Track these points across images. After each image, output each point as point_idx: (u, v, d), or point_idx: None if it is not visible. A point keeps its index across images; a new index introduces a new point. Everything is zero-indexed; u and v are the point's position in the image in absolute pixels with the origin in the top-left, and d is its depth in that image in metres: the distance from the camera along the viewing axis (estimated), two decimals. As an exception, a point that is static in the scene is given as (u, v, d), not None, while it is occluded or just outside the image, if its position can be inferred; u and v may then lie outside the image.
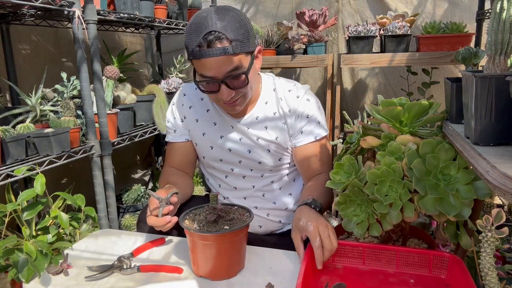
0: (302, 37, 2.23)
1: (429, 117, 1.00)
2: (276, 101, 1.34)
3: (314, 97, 1.37)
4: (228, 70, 1.13)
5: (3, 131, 1.33)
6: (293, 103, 1.32)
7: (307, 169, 1.34)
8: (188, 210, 1.10)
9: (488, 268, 0.77)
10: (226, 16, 1.11)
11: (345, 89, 2.75)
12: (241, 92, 1.20)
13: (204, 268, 1.02)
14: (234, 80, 1.16)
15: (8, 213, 1.12)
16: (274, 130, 1.33)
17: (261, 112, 1.34)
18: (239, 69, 1.15)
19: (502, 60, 0.75)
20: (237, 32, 1.11)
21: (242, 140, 1.34)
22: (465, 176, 0.87)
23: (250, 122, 1.33)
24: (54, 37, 2.19)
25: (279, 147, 1.34)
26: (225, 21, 1.10)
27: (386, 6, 2.54)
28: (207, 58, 1.11)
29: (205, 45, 1.10)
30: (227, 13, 1.13)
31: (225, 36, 1.09)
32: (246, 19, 1.17)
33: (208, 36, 1.09)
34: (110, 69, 1.77)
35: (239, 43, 1.12)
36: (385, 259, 1.01)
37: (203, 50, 1.10)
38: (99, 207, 1.67)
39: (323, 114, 1.37)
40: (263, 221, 1.40)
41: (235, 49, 1.11)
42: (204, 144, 1.39)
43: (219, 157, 1.39)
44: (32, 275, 1.00)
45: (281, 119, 1.33)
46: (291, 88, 1.35)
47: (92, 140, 1.61)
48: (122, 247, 1.21)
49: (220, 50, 1.10)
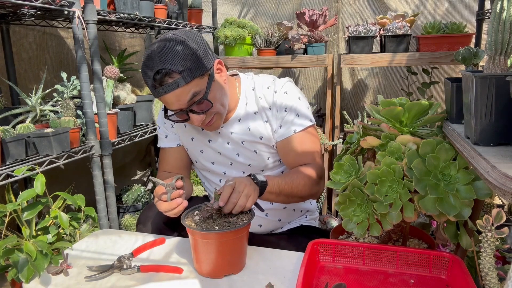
0: (302, 37, 2.23)
1: (429, 117, 1.00)
2: (256, 100, 1.33)
3: (293, 89, 1.34)
4: (187, 99, 1.14)
5: (3, 131, 1.33)
6: (271, 98, 1.31)
7: (291, 163, 1.32)
8: (189, 209, 1.10)
9: (488, 268, 0.77)
10: (169, 49, 1.11)
11: (345, 89, 2.75)
12: (212, 112, 1.21)
13: (206, 266, 1.03)
14: (198, 105, 1.17)
15: (8, 213, 1.12)
16: (257, 130, 1.32)
17: (243, 114, 1.33)
18: (199, 95, 1.15)
19: (502, 60, 0.75)
20: (184, 61, 1.11)
21: (230, 144, 1.34)
22: (465, 176, 0.87)
23: (233, 125, 1.33)
24: (54, 37, 2.19)
25: (265, 147, 1.34)
26: (169, 54, 1.10)
27: (386, 6, 2.54)
28: (164, 96, 1.14)
29: (158, 84, 1.12)
30: (169, 45, 1.12)
31: (172, 70, 1.10)
32: (193, 42, 1.15)
33: (156, 75, 1.11)
34: (110, 69, 1.77)
35: (189, 71, 1.11)
36: (385, 259, 1.01)
37: (158, 90, 1.13)
38: (99, 207, 1.67)
39: (303, 104, 1.33)
40: (262, 220, 1.40)
41: (186, 79, 1.11)
42: (194, 149, 1.40)
43: (210, 160, 1.39)
44: (32, 275, 1.00)
45: (262, 118, 1.32)
46: (269, 84, 1.34)
47: (92, 140, 1.61)
48: (122, 247, 1.22)
49: (172, 85, 1.11)
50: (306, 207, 1.50)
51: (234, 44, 2.40)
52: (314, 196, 1.33)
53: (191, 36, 1.16)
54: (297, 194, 1.24)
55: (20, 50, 2.00)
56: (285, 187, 1.19)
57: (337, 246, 1.05)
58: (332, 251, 1.04)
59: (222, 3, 2.85)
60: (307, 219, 1.50)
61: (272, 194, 1.16)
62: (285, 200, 1.25)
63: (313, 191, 1.28)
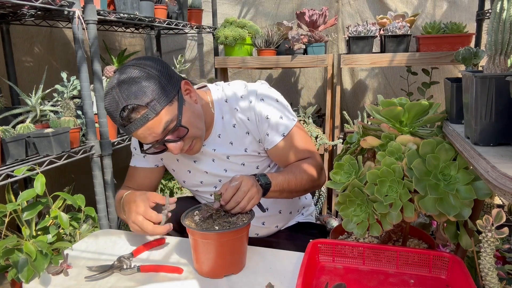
0: (302, 37, 2.23)
1: (429, 117, 0.99)
2: (231, 112, 1.27)
3: (268, 92, 1.28)
4: (161, 130, 1.08)
5: (3, 131, 1.33)
6: (248, 110, 1.25)
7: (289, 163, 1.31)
8: (189, 209, 1.10)
9: (488, 268, 0.77)
10: (129, 83, 1.05)
11: (345, 89, 2.76)
12: (189, 137, 1.15)
13: (206, 266, 1.03)
14: (173, 133, 1.11)
15: (8, 213, 1.12)
16: (239, 143, 1.28)
17: (221, 129, 1.28)
18: (171, 122, 1.09)
19: (502, 60, 0.75)
20: (148, 92, 1.05)
21: (215, 161, 1.31)
22: (465, 176, 0.87)
23: (214, 142, 1.29)
24: (54, 37, 2.19)
25: (252, 157, 1.31)
26: (131, 89, 1.04)
27: (386, 6, 2.54)
28: (136, 131, 1.08)
29: (126, 121, 1.06)
30: (128, 78, 1.06)
31: (138, 104, 1.04)
32: (152, 69, 1.08)
33: (123, 113, 1.05)
34: (110, 69, 1.77)
35: (156, 101, 1.05)
36: (385, 259, 1.01)
37: (128, 127, 1.07)
38: (99, 207, 1.67)
39: (283, 104, 1.29)
40: (259, 229, 1.40)
41: (155, 110, 1.05)
42: (181, 169, 1.37)
43: (199, 180, 1.36)
44: (32, 275, 1.00)
45: (242, 130, 1.27)
46: (242, 93, 1.28)
47: (92, 140, 1.61)
48: (122, 247, 1.21)
49: (142, 120, 1.05)
50: (302, 204, 1.50)
51: (234, 44, 2.40)
52: (318, 187, 1.32)
53: (150, 64, 1.10)
54: (301, 188, 1.23)
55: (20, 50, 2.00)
56: (289, 184, 1.19)
57: (337, 246, 1.05)
58: (332, 251, 1.04)
59: (222, 3, 2.85)
60: (304, 216, 1.50)
61: (275, 192, 1.16)
62: (289, 196, 1.24)
63: (316, 183, 1.27)
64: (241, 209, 1.05)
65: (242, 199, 1.04)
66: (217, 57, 2.49)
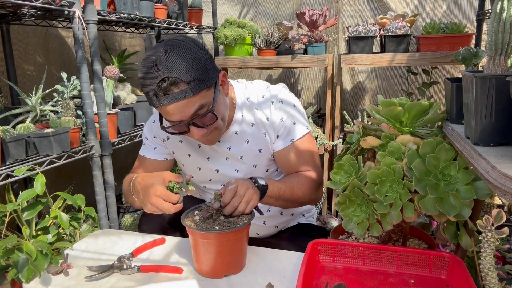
0: (302, 37, 2.23)
1: (429, 117, 0.99)
2: (252, 111, 1.28)
3: (288, 96, 1.29)
4: (192, 112, 1.06)
5: (3, 131, 1.33)
6: (268, 109, 1.26)
7: (291, 172, 1.31)
8: (189, 209, 1.10)
9: (488, 268, 0.77)
10: (177, 56, 1.02)
11: (345, 89, 2.76)
12: (213, 127, 1.14)
13: (206, 266, 1.03)
14: (201, 119, 1.09)
15: (8, 213, 1.12)
16: (255, 143, 1.28)
17: (239, 126, 1.27)
18: (204, 107, 1.08)
19: (502, 60, 0.75)
20: (193, 70, 1.02)
21: (229, 160, 1.30)
22: (465, 176, 0.87)
23: (230, 140, 1.28)
24: (54, 37, 2.19)
25: (264, 159, 1.30)
26: (177, 62, 1.01)
27: (386, 7, 2.54)
28: (167, 106, 1.03)
29: (161, 93, 1.01)
30: (177, 51, 1.03)
31: (180, 79, 1.01)
32: (200, 49, 1.07)
33: (162, 84, 1.00)
34: (110, 69, 1.77)
35: (198, 82, 1.03)
36: (385, 259, 1.01)
37: (160, 99, 1.02)
38: (99, 207, 1.67)
39: (299, 111, 1.29)
40: (260, 228, 1.40)
41: (194, 90, 1.03)
42: (191, 165, 1.36)
43: (208, 177, 1.36)
44: (32, 275, 1.00)
45: (260, 130, 1.27)
46: (264, 93, 1.29)
47: (92, 140, 1.61)
48: (122, 247, 1.21)
49: (179, 95, 1.02)
50: (304, 209, 1.50)
51: (234, 44, 2.40)
52: (313, 202, 1.32)
53: (199, 44, 1.09)
54: (297, 200, 1.23)
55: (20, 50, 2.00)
56: (285, 192, 1.19)
57: (337, 246, 1.05)
58: (332, 251, 1.04)
59: (222, 3, 2.85)
60: (305, 218, 1.50)
61: (271, 198, 1.16)
62: (284, 204, 1.24)
63: (312, 197, 1.27)
64: (240, 212, 1.05)
65: (239, 203, 1.04)
66: (217, 57, 2.50)
